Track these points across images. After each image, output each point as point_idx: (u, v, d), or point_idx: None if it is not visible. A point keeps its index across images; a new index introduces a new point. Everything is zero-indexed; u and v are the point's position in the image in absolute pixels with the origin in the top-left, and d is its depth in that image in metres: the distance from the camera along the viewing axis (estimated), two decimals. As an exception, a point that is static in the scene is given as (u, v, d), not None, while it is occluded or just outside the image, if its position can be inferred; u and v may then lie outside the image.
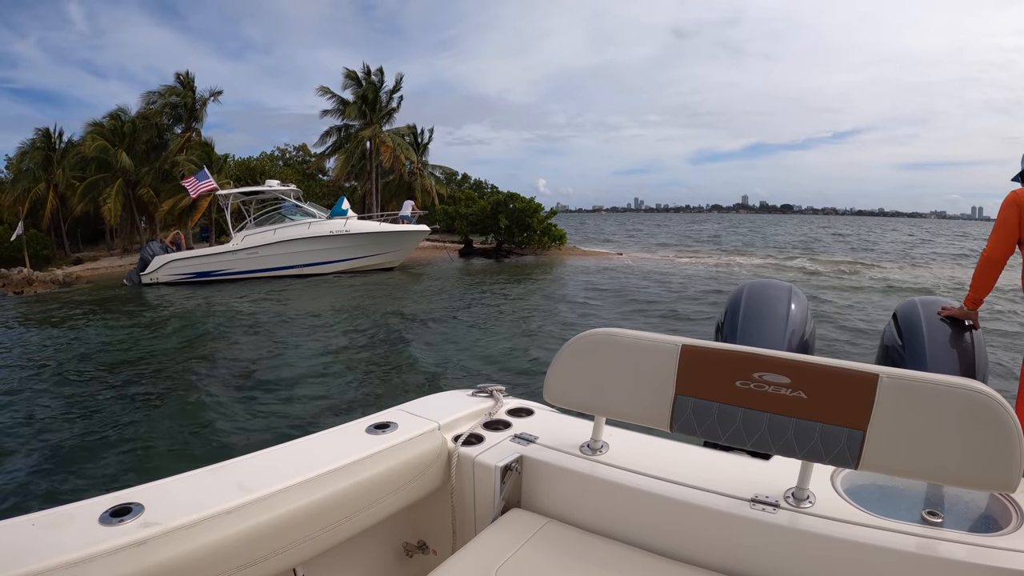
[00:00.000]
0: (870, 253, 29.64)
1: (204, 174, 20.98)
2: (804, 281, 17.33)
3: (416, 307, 13.59)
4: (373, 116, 29.56)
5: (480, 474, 1.34)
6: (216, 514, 0.99)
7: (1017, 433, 0.93)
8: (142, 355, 9.51)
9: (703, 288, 15.81)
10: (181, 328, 11.79)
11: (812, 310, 1.97)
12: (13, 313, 15.20)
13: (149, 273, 19.61)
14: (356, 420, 1.43)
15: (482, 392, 1.66)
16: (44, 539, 0.88)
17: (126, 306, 15.60)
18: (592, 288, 16.21)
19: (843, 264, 22.96)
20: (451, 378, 7.41)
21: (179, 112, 27.05)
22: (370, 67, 29.45)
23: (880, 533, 1.02)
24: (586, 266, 22.17)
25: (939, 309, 1.98)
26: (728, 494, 1.16)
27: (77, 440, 5.65)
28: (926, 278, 19.19)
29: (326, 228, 19.95)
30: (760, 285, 1.97)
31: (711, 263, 23.53)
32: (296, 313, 13.04)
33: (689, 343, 1.17)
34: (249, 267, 19.85)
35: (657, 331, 1.28)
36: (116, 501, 0.99)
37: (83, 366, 8.89)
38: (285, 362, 8.61)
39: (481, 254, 25.96)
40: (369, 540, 1.34)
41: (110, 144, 25.59)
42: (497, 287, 16.87)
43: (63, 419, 6.31)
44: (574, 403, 1.31)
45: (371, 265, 20.83)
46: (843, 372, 1.03)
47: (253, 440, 5.36)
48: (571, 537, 1.22)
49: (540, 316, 12.11)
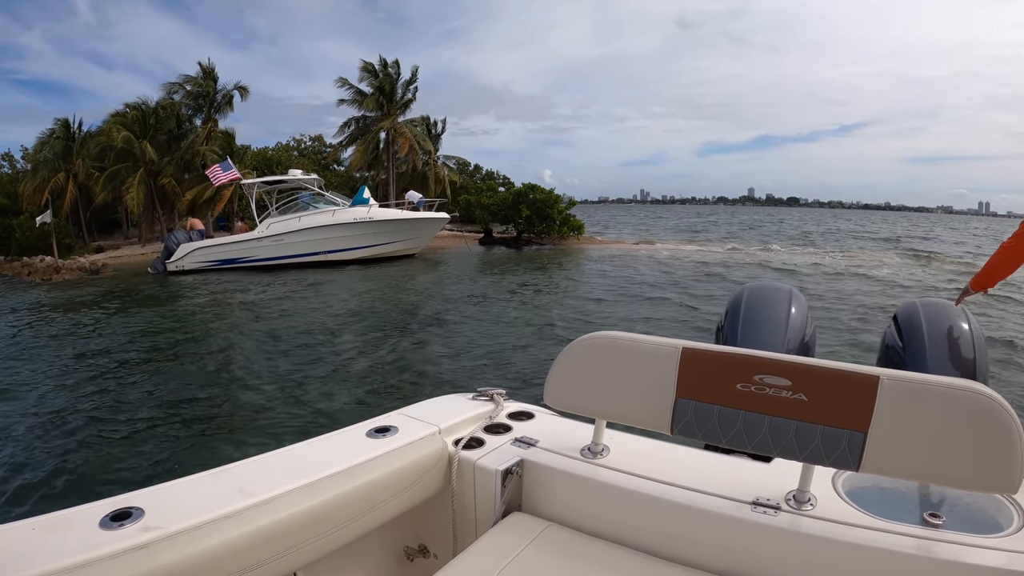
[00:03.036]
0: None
1: (228, 164, 21.26)
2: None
3: (439, 294, 13.95)
4: (390, 107, 29.92)
5: (481, 478, 1.33)
6: (217, 518, 0.99)
7: (1018, 434, 0.93)
8: (174, 341, 9.85)
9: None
10: (205, 318, 12.13)
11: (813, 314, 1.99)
12: (45, 299, 15.53)
13: (175, 261, 19.98)
14: (356, 424, 1.43)
15: (483, 395, 1.66)
16: (44, 544, 0.88)
17: (156, 292, 15.97)
18: (611, 275, 16.53)
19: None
20: (482, 373, 7.49)
21: (200, 103, 27.35)
22: (387, 60, 29.93)
23: (882, 535, 1.03)
24: (610, 254, 22.58)
25: (955, 301, 1.99)
26: (729, 497, 1.16)
27: (118, 430, 5.83)
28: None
29: (349, 216, 20.30)
30: (760, 288, 1.98)
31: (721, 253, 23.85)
32: (319, 302, 13.32)
33: (689, 346, 1.18)
34: (273, 254, 20.19)
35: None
36: (116, 505, 0.99)
37: (123, 351, 9.20)
38: (308, 355, 8.66)
39: (501, 243, 26.67)
40: (370, 544, 1.34)
41: (133, 134, 25.85)
42: (528, 275, 17.19)
43: (110, 406, 6.53)
44: (575, 406, 1.32)
45: (392, 252, 21.20)
46: (844, 374, 1.04)
47: (262, 436, 5.49)
48: (572, 540, 1.23)
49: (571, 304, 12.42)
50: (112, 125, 26.58)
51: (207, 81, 27.06)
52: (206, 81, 27.07)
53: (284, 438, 3.50)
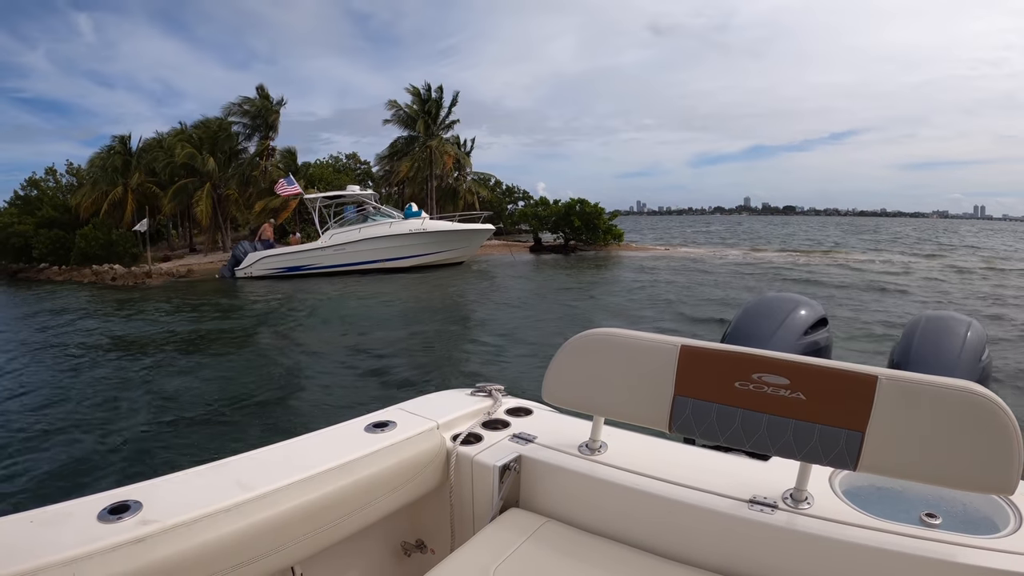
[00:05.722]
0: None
1: (291, 180, 23.34)
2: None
3: (497, 297, 15.85)
4: (435, 128, 32.37)
5: (479, 473, 1.34)
6: (214, 512, 1.00)
7: (1015, 435, 0.93)
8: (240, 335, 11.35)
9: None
10: (272, 318, 13.54)
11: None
12: (175, 301, 17.35)
13: (244, 268, 21.86)
14: (355, 419, 1.43)
15: (481, 391, 1.66)
16: (42, 536, 0.88)
17: (233, 297, 17.85)
18: (655, 270, 18.50)
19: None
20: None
21: (258, 123, 29.51)
22: (430, 85, 32.72)
23: (878, 534, 1.02)
24: (642, 256, 24.68)
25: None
26: (726, 495, 1.16)
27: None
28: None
29: (406, 227, 22.21)
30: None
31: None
32: (376, 303, 14.91)
33: (688, 343, 1.18)
34: (335, 262, 22.03)
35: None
36: (115, 499, 0.99)
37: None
38: (364, 348, 9.70)
39: (551, 250, 29.63)
40: (367, 539, 1.34)
41: (197, 151, 27.83)
42: (582, 277, 19.13)
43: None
44: (573, 403, 1.31)
45: (443, 260, 23.09)
46: (842, 373, 1.04)
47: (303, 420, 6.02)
48: (569, 537, 1.22)
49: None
50: (176, 141, 28.57)
51: (263, 101, 29.10)
52: (262, 101, 29.11)
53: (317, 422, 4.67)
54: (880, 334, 9.77)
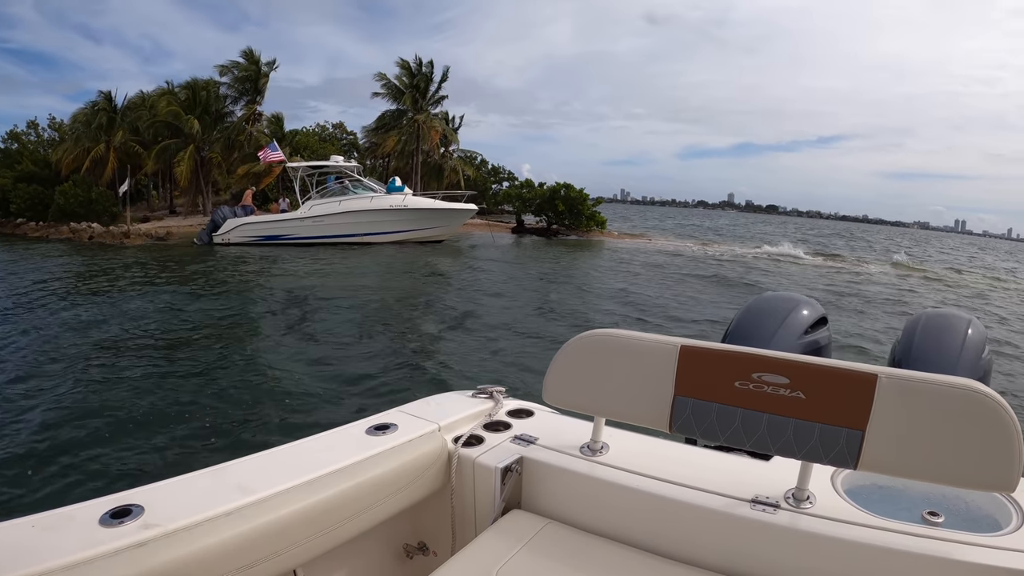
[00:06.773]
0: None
1: (275, 146, 23.35)
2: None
3: (474, 278, 16.05)
4: (423, 103, 32.22)
5: (480, 475, 1.34)
6: (216, 516, 1.00)
7: (1016, 433, 0.93)
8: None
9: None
10: (247, 288, 13.49)
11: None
12: (161, 259, 17.31)
13: (221, 234, 21.78)
14: (356, 421, 1.44)
15: (482, 393, 1.67)
16: (44, 541, 0.88)
17: (206, 261, 17.87)
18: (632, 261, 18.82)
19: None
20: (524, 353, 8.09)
21: (246, 87, 29.18)
22: (421, 59, 32.54)
23: (880, 533, 1.03)
24: (624, 246, 24.95)
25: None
26: (728, 495, 1.16)
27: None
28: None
29: (387, 202, 22.23)
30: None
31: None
32: (348, 281, 14.50)
33: (688, 343, 1.18)
34: (314, 233, 22.03)
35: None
36: (116, 503, 0.99)
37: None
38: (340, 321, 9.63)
39: (533, 232, 29.89)
40: (369, 541, 1.34)
41: (183, 111, 27.56)
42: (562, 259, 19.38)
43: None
44: (573, 404, 1.32)
45: (423, 237, 23.17)
46: (842, 372, 1.04)
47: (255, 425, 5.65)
48: (571, 538, 1.23)
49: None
50: (160, 98, 28.19)
51: (250, 66, 28.81)
52: (249, 66, 28.81)
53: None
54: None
